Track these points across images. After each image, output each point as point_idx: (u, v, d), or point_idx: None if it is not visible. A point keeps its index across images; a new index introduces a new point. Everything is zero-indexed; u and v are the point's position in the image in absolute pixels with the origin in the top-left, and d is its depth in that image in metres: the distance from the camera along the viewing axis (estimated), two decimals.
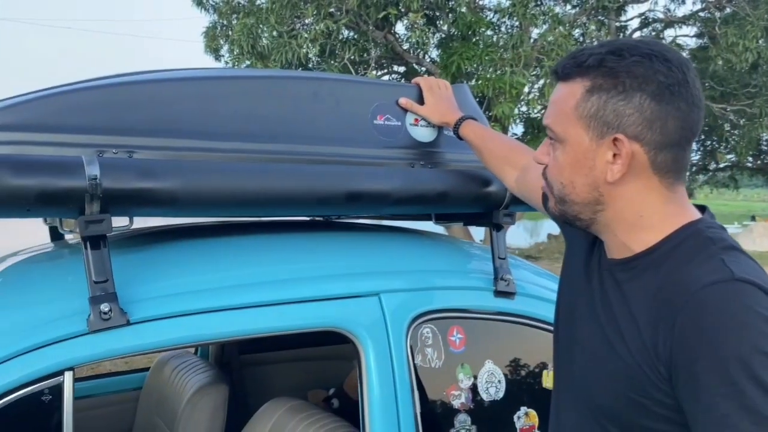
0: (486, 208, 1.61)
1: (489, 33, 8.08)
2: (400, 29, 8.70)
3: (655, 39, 8.90)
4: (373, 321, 1.41)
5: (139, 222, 1.33)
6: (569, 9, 9.40)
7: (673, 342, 0.83)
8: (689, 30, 10.41)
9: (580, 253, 1.07)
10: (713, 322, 0.80)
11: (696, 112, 0.90)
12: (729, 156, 12.47)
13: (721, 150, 12.17)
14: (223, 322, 1.29)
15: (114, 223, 1.17)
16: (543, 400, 1.57)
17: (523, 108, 9.16)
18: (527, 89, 8.29)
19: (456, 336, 1.52)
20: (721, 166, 13.45)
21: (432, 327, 1.49)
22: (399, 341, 1.42)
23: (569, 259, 1.12)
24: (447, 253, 1.79)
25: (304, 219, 1.90)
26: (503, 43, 7.68)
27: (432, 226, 1.89)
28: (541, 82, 8.19)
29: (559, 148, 0.95)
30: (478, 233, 8.87)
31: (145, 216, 1.28)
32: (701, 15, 9.80)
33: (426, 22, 7.92)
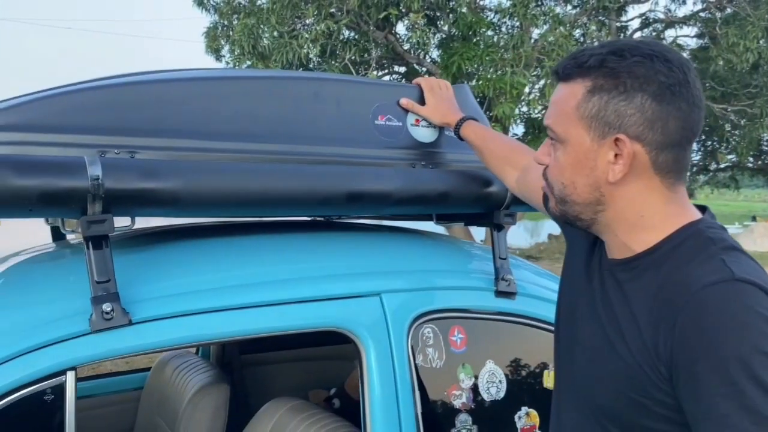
0: (487, 208, 1.61)
1: (490, 33, 8.08)
2: (400, 29, 8.71)
3: (656, 39, 8.92)
4: (375, 321, 1.41)
5: (141, 222, 1.34)
6: (570, 9, 9.39)
7: (674, 342, 0.83)
8: (690, 30, 10.40)
9: (580, 254, 1.07)
10: (714, 322, 0.80)
11: (697, 112, 0.90)
12: (730, 156, 12.46)
13: (722, 150, 12.15)
14: (225, 322, 1.29)
15: (116, 224, 1.18)
16: (544, 400, 1.57)
17: (524, 108, 9.16)
18: (528, 89, 8.29)
19: (457, 336, 1.52)
20: (722, 166, 13.43)
21: (433, 327, 1.49)
22: (400, 341, 1.42)
23: (570, 260, 1.13)
24: (448, 254, 1.79)
25: (305, 219, 1.91)
26: (504, 44, 7.67)
27: (433, 226, 1.89)
28: (542, 82, 8.18)
29: (560, 148, 0.96)
30: (478, 233, 8.87)
31: (147, 216, 1.29)
32: (702, 15, 9.78)
33: (427, 22, 7.91)
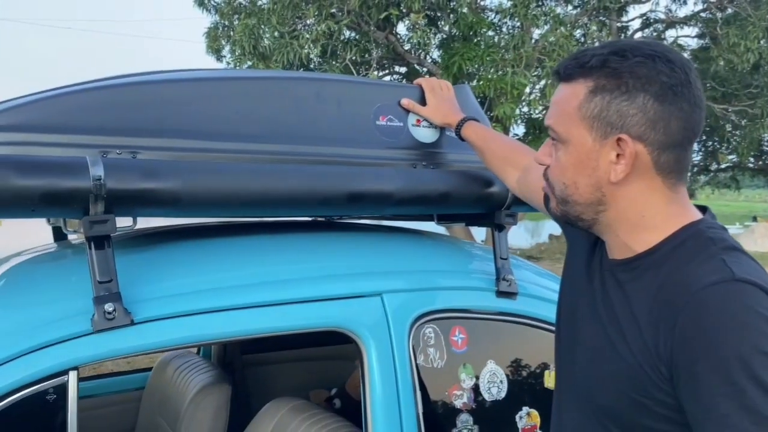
0: (488, 208, 1.61)
1: (490, 34, 8.08)
2: (401, 30, 8.71)
3: (657, 40, 8.91)
4: (376, 321, 1.41)
5: (143, 222, 1.34)
6: (570, 9, 9.38)
7: (674, 342, 0.83)
8: (691, 30, 10.40)
9: (581, 254, 1.07)
10: (714, 322, 0.80)
11: (698, 112, 0.90)
12: (730, 157, 12.45)
13: (723, 151, 12.15)
14: (226, 322, 1.29)
15: (118, 224, 1.18)
16: (545, 400, 1.57)
17: (525, 109, 9.15)
18: (528, 90, 8.28)
19: (458, 336, 1.52)
20: (723, 166, 13.42)
21: (434, 327, 1.49)
22: (401, 341, 1.42)
23: (571, 260, 1.13)
24: (449, 254, 1.79)
25: (306, 219, 1.91)
26: (504, 44, 7.67)
27: (433, 226, 1.89)
28: (543, 82, 8.17)
29: (562, 148, 0.96)
30: (479, 234, 8.86)
31: (149, 216, 1.29)
32: (703, 15, 9.78)
33: (427, 22, 7.91)
